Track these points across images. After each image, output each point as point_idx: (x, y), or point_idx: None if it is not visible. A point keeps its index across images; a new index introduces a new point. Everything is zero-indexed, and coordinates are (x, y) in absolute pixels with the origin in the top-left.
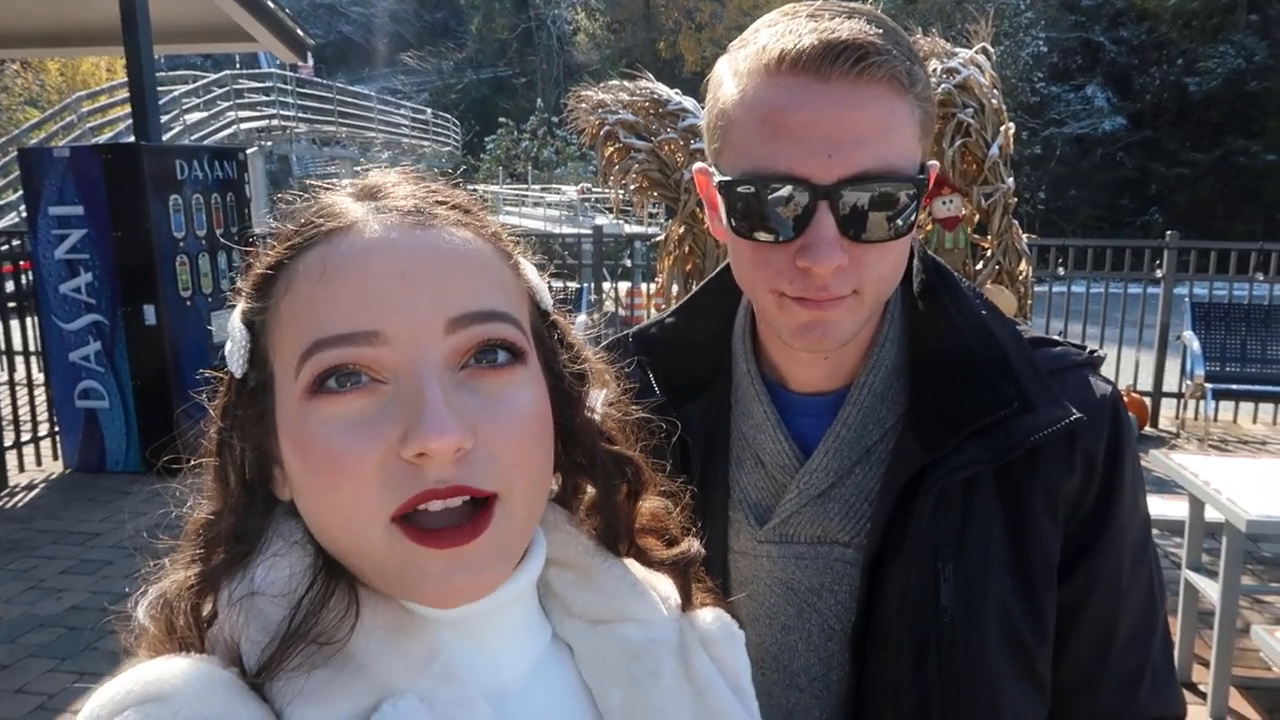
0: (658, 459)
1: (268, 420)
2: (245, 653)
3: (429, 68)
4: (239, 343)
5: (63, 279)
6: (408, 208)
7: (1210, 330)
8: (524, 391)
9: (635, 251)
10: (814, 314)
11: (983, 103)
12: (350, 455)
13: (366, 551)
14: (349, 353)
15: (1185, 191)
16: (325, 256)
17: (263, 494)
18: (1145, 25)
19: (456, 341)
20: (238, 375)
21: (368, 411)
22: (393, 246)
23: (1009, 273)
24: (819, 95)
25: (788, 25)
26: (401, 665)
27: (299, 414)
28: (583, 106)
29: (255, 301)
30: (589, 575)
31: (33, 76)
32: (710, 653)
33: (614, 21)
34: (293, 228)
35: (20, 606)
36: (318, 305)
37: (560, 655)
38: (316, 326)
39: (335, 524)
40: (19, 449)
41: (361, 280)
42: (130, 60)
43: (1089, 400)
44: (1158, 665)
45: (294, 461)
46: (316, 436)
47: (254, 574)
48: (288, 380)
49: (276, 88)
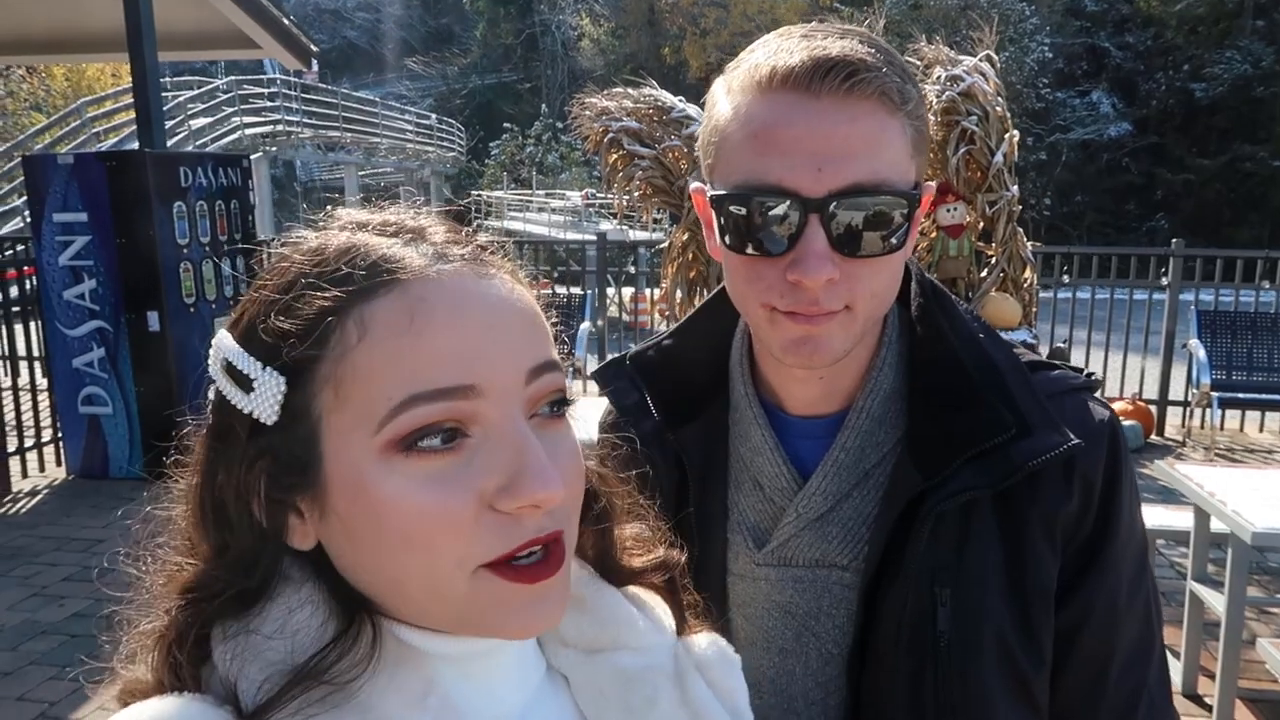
0: (645, 489)
1: (308, 472)
2: (243, 692)
3: (434, 73)
4: (272, 390)
5: (66, 285)
6: (468, 255)
7: (1216, 338)
8: (572, 435)
9: (639, 258)
10: (805, 329)
11: (987, 110)
12: (442, 511)
13: (443, 595)
14: (448, 408)
15: (1191, 198)
16: (408, 306)
17: (274, 543)
18: (1151, 31)
19: (531, 392)
20: (268, 424)
21: (454, 465)
22: (475, 299)
23: (1014, 280)
24: (809, 111)
25: (780, 44)
26: (398, 701)
27: (379, 469)
28: (586, 114)
29: (307, 348)
30: (582, 603)
31: (38, 82)
32: (706, 678)
33: (618, 27)
34: (346, 268)
35: (22, 614)
36: (408, 357)
37: (556, 686)
38: (410, 380)
39: (415, 576)
40: (22, 454)
41: (452, 331)
42: (135, 67)
43: (1087, 425)
44: (1154, 690)
45: (367, 518)
46: (404, 494)
47: (256, 617)
48: (357, 434)
49: (281, 93)
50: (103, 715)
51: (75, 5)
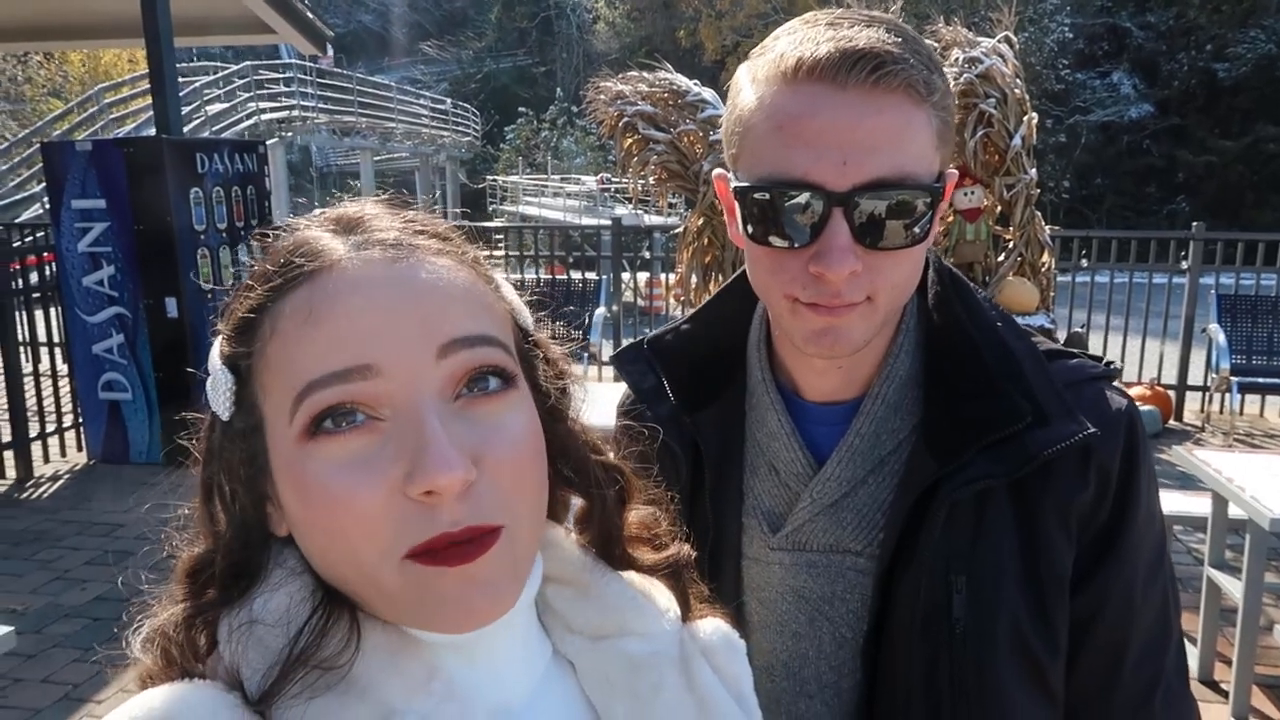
0: (644, 465)
1: (260, 463)
2: (246, 679)
3: (449, 57)
4: (223, 387)
5: (85, 272)
6: (389, 240)
7: (1236, 322)
8: (518, 415)
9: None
10: (826, 320)
11: (1005, 93)
12: (354, 497)
13: (379, 586)
14: (344, 390)
15: (1213, 180)
16: (310, 297)
17: (258, 531)
18: (1173, 10)
19: (449, 368)
20: (224, 418)
21: (367, 450)
22: (377, 281)
23: (1031, 264)
24: (835, 103)
25: (806, 33)
26: (401, 686)
27: (296, 457)
28: (601, 98)
29: (239, 345)
30: (587, 590)
31: (56, 68)
32: (712, 663)
33: (634, 10)
34: (271, 268)
35: (45, 597)
36: (306, 346)
37: (562, 672)
38: (308, 367)
39: (343, 562)
40: (44, 440)
41: (349, 317)
42: (151, 53)
43: (1104, 414)
44: (1172, 680)
45: (295, 504)
46: (317, 479)
47: (256, 603)
48: (281, 424)
49: (297, 78)
50: (125, 697)
51: None
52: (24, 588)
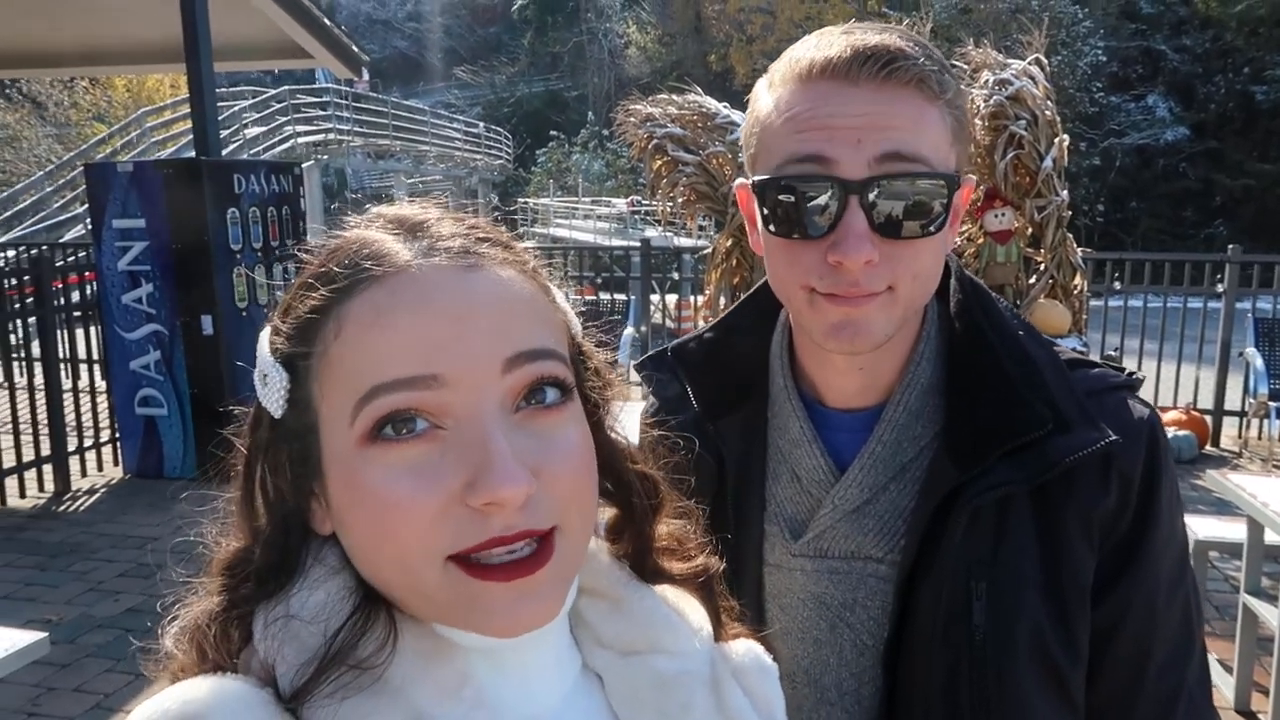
0: (685, 480)
1: (311, 461)
2: (280, 675)
3: (482, 82)
4: (278, 384)
5: (125, 289)
6: (456, 248)
7: (1274, 347)
8: (573, 428)
9: (684, 264)
10: (845, 311)
11: (1036, 114)
12: (411, 503)
13: (421, 589)
14: (408, 397)
15: (1251, 203)
16: (378, 301)
17: (300, 527)
18: (1209, 33)
19: (512, 381)
20: (276, 416)
21: (427, 458)
22: (447, 290)
23: (1063, 287)
24: (847, 95)
25: (819, 39)
26: (432, 690)
27: (355, 460)
28: (631, 120)
29: (299, 345)
30: (620, 605)
31: (101, 93)
32: (743, 685)
33: (665, 34)
34: (336, 268)
35: (79, 608)
36: (373, 350)
37: (591, 686)
38: (374, 371)
39: (389, 565)
40: (81, 454)
41: (418, 324)
42: (191, 78)
43: (1126, 422)
44: (1194, 691)
45: (347, 505)
46: (375, 484)
47: (293, 600)
48: (340, 426)
49: (333, 102)
50: None
51: (136, 19)
52: (59, 598)
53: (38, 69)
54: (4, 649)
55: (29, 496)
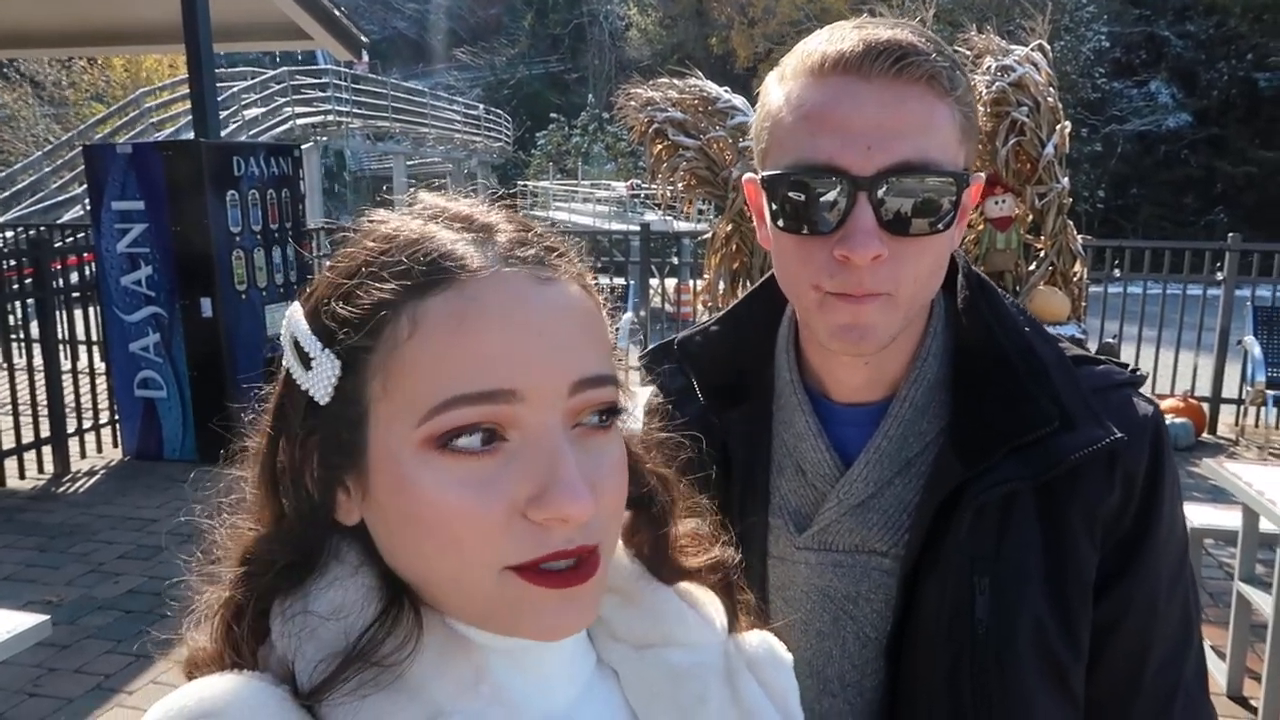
0: (691, 473)
1: (353, 453)
2: (299, 671)
3: (482, 63)
4: (328, 372)
5: (124, 272)
6: (530, 257)
7: (1272, 335)
8: (618, 445)
9: (683, 248)
10: (852, 312)
11: (1038, 101)
12: (472, 513)
13: (471, 593)
14: (487, 410)
15: (1253, 191)
16: (460, 308)
17: (324, 517)
18: (1213, 19)
19: (576, 403)
20: (322, 404)
21: (490, 469)
22: (527, 304)
23: (1063, 274)
24: (859, 92)
25: (832, 33)
26: (449, 686)
27: (412, 462)
28: (632, 104)
29: (363, 338)
30: (633, 599)
31: (99, 73)
32: (758, 677)
33: (666, 17)
34: (407, 260)
35: (80, 589)
36: (454, 360)
37: (606, 681)
38: (453, 382)
39: (438, 567)
40: (80, 436)
41: (501, 338)
42: (190, 58)
43: (1131, 420)
44: (1191, 686)
45: (396, 505)
46: (434, 490)
47: (311, 595)
48: (400, 426)
49: (332, 84)
50: (157, 689)
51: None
52: (59, 580)
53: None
54: (6, 632)
55: (29, 478)
